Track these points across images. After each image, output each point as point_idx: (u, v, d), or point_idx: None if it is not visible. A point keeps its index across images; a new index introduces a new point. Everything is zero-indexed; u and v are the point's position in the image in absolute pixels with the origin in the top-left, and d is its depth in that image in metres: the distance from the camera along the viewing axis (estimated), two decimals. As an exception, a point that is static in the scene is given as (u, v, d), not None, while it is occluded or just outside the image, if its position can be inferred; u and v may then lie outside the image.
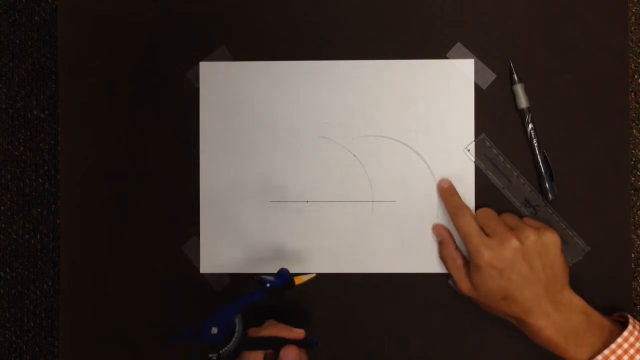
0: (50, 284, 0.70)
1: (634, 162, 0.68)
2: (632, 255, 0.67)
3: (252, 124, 0.67)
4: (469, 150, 0.66)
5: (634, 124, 0.68)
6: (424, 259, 0.66)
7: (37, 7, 0.71)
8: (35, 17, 0.71)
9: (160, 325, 0.62)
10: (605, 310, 0.61)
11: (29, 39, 0.71)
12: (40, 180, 0.70)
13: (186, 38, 0.67)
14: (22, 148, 0.70)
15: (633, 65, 0.69)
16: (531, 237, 0.59)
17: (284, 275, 0.54)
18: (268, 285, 0.53)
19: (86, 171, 0.67)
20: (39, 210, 0.70)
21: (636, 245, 0.68)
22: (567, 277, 0.61)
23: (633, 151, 0.68)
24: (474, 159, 0.66)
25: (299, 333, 0.57)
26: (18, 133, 0.70)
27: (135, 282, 0.67)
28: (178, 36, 0.67)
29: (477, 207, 0.66)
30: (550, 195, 0.65)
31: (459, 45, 0.66)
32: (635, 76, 0.69)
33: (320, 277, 0.66)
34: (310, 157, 0.66)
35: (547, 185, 0.65)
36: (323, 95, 0.67)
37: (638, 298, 0.68)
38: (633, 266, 0.67)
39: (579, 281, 0.65)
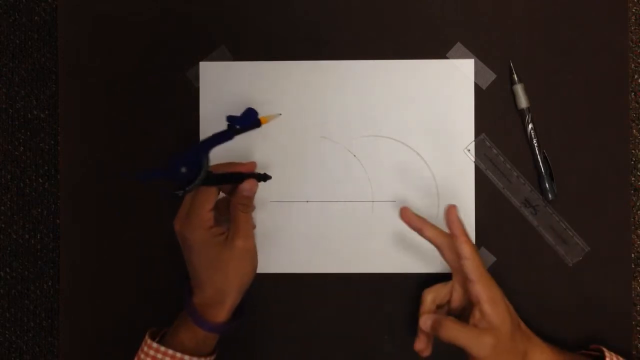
0: (50, 284, 0.70)
1: (634, 162, 0.68)
2: (632, 255, 0.67)
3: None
4: (469, 150, 0.66)
5: (634, 124, 0.68)
6: (424, 259, 0.66)
7: (37, 7, 0.71)
8: (35, 17, 0.71)
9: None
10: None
11: (29, 39, 0.71)
12: (40, 180, 0.70)
13: (186, 38, 0.67)
14: (22, 148, 0.70)
15: (633, 65, 0.69)
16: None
17: (252, 115, 0.54)
18: (237, 127, 0.53)
19: (86, 171, 0.67)
20: (39, 210, 0.70)
21: (636, 245, 0.68)
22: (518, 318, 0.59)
23: (633, 151, 0.68)
24: (474, 159, 0.66)
25: (251, 164, 0.60)
26: (18, 133, 0.70)
27: (135, 282, 0.66)
28: (178, 36, 0.67)
29: (477, 207, 0.66)
30: (550, 195, 0.65)
31: (459, 45, 0.66)
32: (635, 76, 0.69)
33: (320, 277, 0.66)
34: (310, 157, 0.66)
35: (547, 185, 0.65)
36: (323, 95, 0.67)
37: (638, 298, 0.68)
38: (633, 266, 0.67)
39: (579, 281, 0.65)
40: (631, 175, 0.67)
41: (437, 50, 0.67)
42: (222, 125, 0.55)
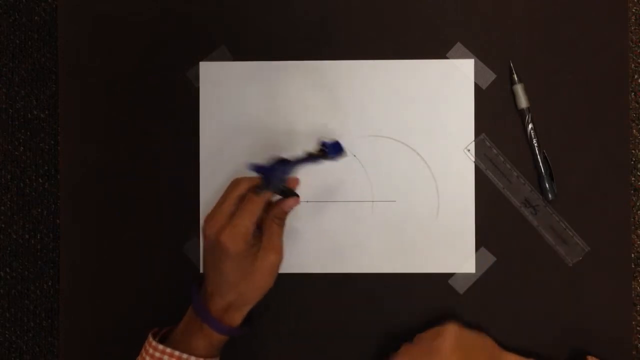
0: (50, 284, 0.70)
1: (634, 162, 0.68)
2: (632, 255, 0.67)
3: (252, 124, 0.67)
4: (469, 150, 0.66)
5: (634, 124, 0.68)
6: (424, 259, 0.66)
7: (37, 7, 0.71)
8: (35, 17, 0.71)
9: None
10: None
11: (29, 39, 0.71)
12: (40, 180, 0.70)
13: (186, 38, 0.67)
14: (22, 148, 0.70)
15: (633, 65, 0.69)
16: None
17: (338, 148, 0.58)
18: (330, 156, 0.58)
19: (86, 171, 0.67)
20: (39, 210, 0.70)
21: (636, 245, 0.68)
22: (495, 344, 0.61)
23: (633, 151, 0.68)
24: (474, 159, 0.66)
25: (296, 180, 0.63)
26: (18, 133, 0.70)
27: (135, 282, 0.66)
28: (178, 36, 0.67)
29: (477, 207, 0.66)
30: (550, 195, 0.65)
31: (459, 45, 0.66)
32: (635, 76, 0.69)
33: (320, 277, 0.66)
34: (310, 157, 0.66)
35: (547, 185, 0.65)
36: (323, 95, 0.67)
37: (638, 298, 0.68)
38: (633, 266, 0.67)
39: (579, 281, 0.65)
40: (631, 175, 0.67)
41: (437, 50, 0.67)
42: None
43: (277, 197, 0.60)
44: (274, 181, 0.57)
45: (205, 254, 0.59)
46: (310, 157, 0.57)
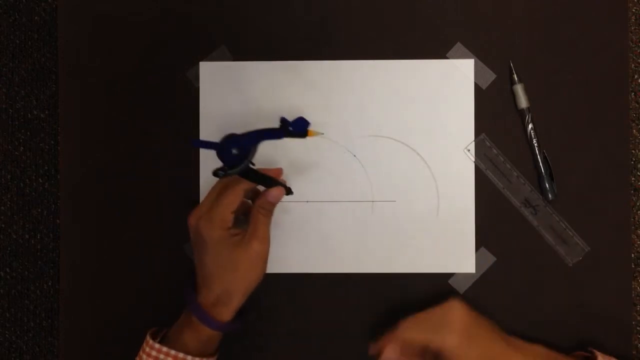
0: (50, 284, 0.70)
1: (634, 162, 0.68)
2: (632, 255, 0.67)
3: (252, 123, 0.67)
4: (469, 150, 0.66)
5: (634, 124, 0.68)
6: (424, 259, 0.66)
7: (37, 7, 0.71)
8: (35, 17, 0.71)
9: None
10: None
11: (29, 39, 0.71)
12: (40, 180, 0.70)
13: (186, 38, 0.67)
14: (22, 148, 0.70)
15: (633, 65, 0.69)
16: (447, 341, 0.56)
17: (303, 124, 0.54)
18: (290, 128, 0.54)
19: (86, 171, 0.67)
20: (39, 210, 0.70)
21: (636, 245, 0.68)
22: (500, 329, 0.59)
23: (633, 151, 0.68)
24: (474, 159, 0.66)
25: (278, 170, 0.63)
26: (18, 133, 0.70)
27: (135, 283, 0.66)
28: (178, 36, 0.67)
29: (477, 207, 0.66)
30: (550, 195, 0.65)
31: (459, 45, 0.66)
32: (635, 76, 0.69)
33: (320, 277, 0.66)
34: (311, 157, 0.66)
35: (547, 185, 0.65)
36: (323, 95, 0.67)
37: (638, 298, 0.68)
38: (633, 266, 0.67)
39: (579, 281, 0.65)
40: (631, 175, 0.67)
41: (437, 50, 0.67)
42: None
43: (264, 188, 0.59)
44: (229, 159, 0.52)
45: (192, 248, 0.60)
46: (267, 131, 0.53)
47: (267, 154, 0.66)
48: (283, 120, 0.53)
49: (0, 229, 0.70)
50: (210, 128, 0.67)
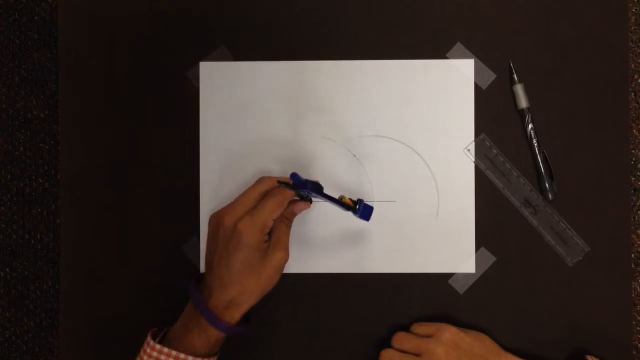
0: (50, 284, 0.70)
1: (634, 162, 0.68)
2: (632, 255, 0.67)
3: (252, 124, 0.67)
4: (469, 150, 0.66)
5: (634, 124, 0.68)
6: (424, 259, 0.66)
7: (37, 7, 0.71)
8: (35, 17, 0.71)
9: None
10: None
11: (29, 39, 0.71)
12: (40, 180, 0.70)
13: (186, 38, 0.67)
14: (22, 148, 0.70)
15: (633, 65, 0.69)
16: (438, 349, 0.60)
17: (368, 211, 0.59)
18: (357, 215, 0.59)
19: (86, 171, 0.67)
20: (39, 210, 0.70)
21: (636, 245, 0.68)
22: (497, 346, 0.62)
23: (633, 151, 0.68)
24: (474, 159, 0.66)
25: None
26: (18, 133, 0.70)
27: (135, 282, 0.67)
28: (178, 36, 0.67)
29: (477, 207, 0.66)
30: (550, 195, 0.65)
31: (459, 45, 0.66)
32: (635, 76, 0.69)
33: (320, 277, 0.66)
34: (310, 157, 0.66)
35: (547, 185, 0.65)
36: (323, 95, 0.67)
37: (638, 298, 0.68)
38: (633, 266, 0.67)
39: (579, 281, 0.65)
40: (631, 175, 0.67)
41: (437, 50, 0.67)
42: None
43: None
44: (299, 192, 0.59)
45: (213, 247, 0.59)
46: (339, 202, 0.59)
47: (267, 156, 0.66)
48: (358, 203, 0.58)
49: (0, 229, 0.70)
50: (210, 128, 0.67)
